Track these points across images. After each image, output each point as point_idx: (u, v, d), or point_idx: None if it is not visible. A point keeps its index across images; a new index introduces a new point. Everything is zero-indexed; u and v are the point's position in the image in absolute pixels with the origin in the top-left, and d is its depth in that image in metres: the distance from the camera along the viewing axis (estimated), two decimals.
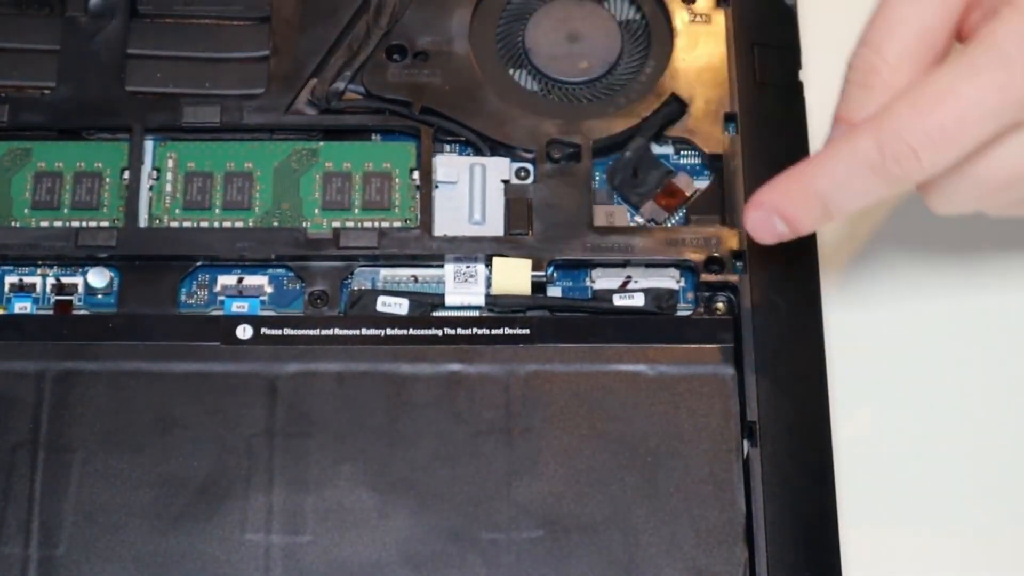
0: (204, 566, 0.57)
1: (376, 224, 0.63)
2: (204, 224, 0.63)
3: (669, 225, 0.63)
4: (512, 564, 0.57)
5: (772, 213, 0.56)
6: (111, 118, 0.64)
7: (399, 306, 0.61)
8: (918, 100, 0.53)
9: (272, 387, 0.59)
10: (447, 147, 0.65)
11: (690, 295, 0.62)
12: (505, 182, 0.63)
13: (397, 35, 0.65)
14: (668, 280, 0.62)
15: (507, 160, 0.64)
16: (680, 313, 0.62)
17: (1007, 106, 0.52)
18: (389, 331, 0.60)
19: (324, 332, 0.60)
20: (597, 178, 0.64)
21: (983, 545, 0.62)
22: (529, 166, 0.64)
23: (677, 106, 0.64)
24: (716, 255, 0.61)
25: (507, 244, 0.62)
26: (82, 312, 0.62)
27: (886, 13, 0.56)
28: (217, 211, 0.63)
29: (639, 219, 0.64)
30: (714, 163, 0.64)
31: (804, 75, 0.65)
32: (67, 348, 0.60)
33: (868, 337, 0.65)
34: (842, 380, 0.63)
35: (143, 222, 0.63)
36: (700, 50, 0.65)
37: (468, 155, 0.64)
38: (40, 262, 0.62)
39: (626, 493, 0.58)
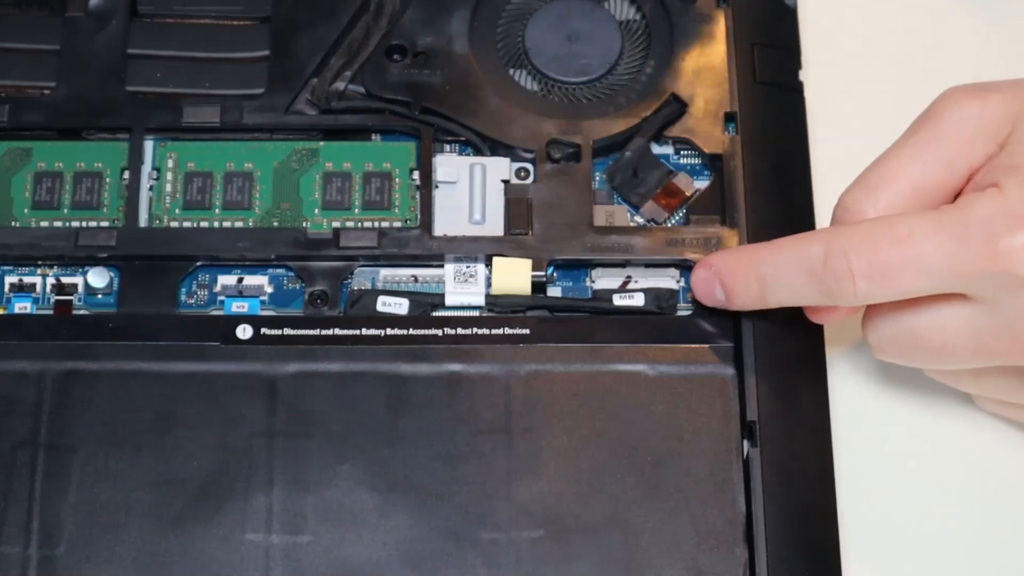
0: (204, 566, 0.57)
1: (376, 224, 0.63)
2: (204, 224, 0.63)
3: (669, 225, 0.63)
4: (512, 564, 0.57)
5: (715, 278, 0.59)
6: (111, 118, 0.64)
7: (399, 306, 0.61)
8: (874, 230, 0.55)
9: (272, 387, 0.59)
10: (447, 147, 0.65)
11: (690, 295, 0.62)
12: (505, 182, 0.63)
13: (397, 35, 0.65)
14: (668, 280, 0.62)
15: (507, 160, 0.64)
16: (680, 313, 0.62)
17: (950, 274, 0.53)
18: (389, 331, 0.60)
19: (324, 332, 0.60)
20: (597, 178, 0.64)
21: (983, 545, 0.62)
22: (529, 166, 0.64)
23: (677, 106, 0.64)
24: None
25: (507, 244, 0.62)
26: (82, 312, 0.62)
27: (888, 161, 0.57)
28: (217, 211, 0.63)
29: (639, 219, 0.64)
30: (714, 163, 0.64)
31: (804, 75, 0.65)
32: (67, 348, 0.60)
33: None
34: (842, 380, 0.63)
35: (143, 222, 0.63)
36: (700, 50, 0.65)
37: (468, 155, 0.64)
38: (40, 262, 0.62)
39: (626, 493, 0.58)
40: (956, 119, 0.56)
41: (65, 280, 0.62)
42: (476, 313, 0.62)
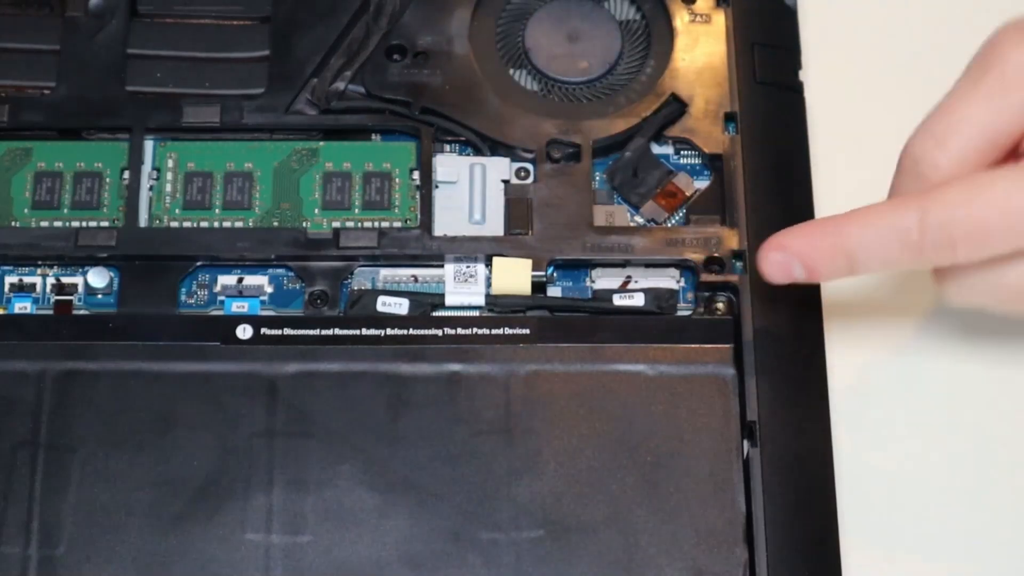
0: (204, 566, 0.57)
1: (376, 224, 0.63)
2: (204, 224, 0.63)
3: (669, 225, 0.63)
4: (512, 564, 0.57)
5: (794, 258, 0.56)
6: (111, 118, 0.64)
7: (399, 306, 0.61)
8: (972, 197, 0.53)
9: (272, 387, 0.59)
10: (447, 147, 0.65)
11: (690, 295, 0.62)
12: (505, 182, 0.63)
13: (397, 35, 0.65)
14: (668, 280, 0.62)
15: (507, 160, 0.64)
16: (680, 313, 0.62)
17: None
18: (389, 331, 0.60)
19: (324, 332, 0.60)
20: (597, 178, 0.64)
21: (983, 545, 0.62)
22: (529, 166, 0.64)
23: (677, 106, 0.64)
24: (716, 255, 0.61)
25: (507, 244, 0.62)
26: (82, 312, 0.62)
27: (956, 108, 0.55)
28: (217, 211, 0.63)
29: (639, 219, 0.64)
30: (714, 163, 0.64)
31: (804, 75, 0.65)
32: (67, 348, 0.60)
33: (869, 336, 0.65)
34: (842, 379, 0.63)
35: (143, 222, 0.63)
36: (700, 50, 0.65)
37: (468, 155, 0.64)
38: (40, 262, 0.62)
39: (626, 493, 0.58)
40: (1022, 63, 0.54)
41: (65, 280, 0.62)
42: (476, 313, 0.62)
